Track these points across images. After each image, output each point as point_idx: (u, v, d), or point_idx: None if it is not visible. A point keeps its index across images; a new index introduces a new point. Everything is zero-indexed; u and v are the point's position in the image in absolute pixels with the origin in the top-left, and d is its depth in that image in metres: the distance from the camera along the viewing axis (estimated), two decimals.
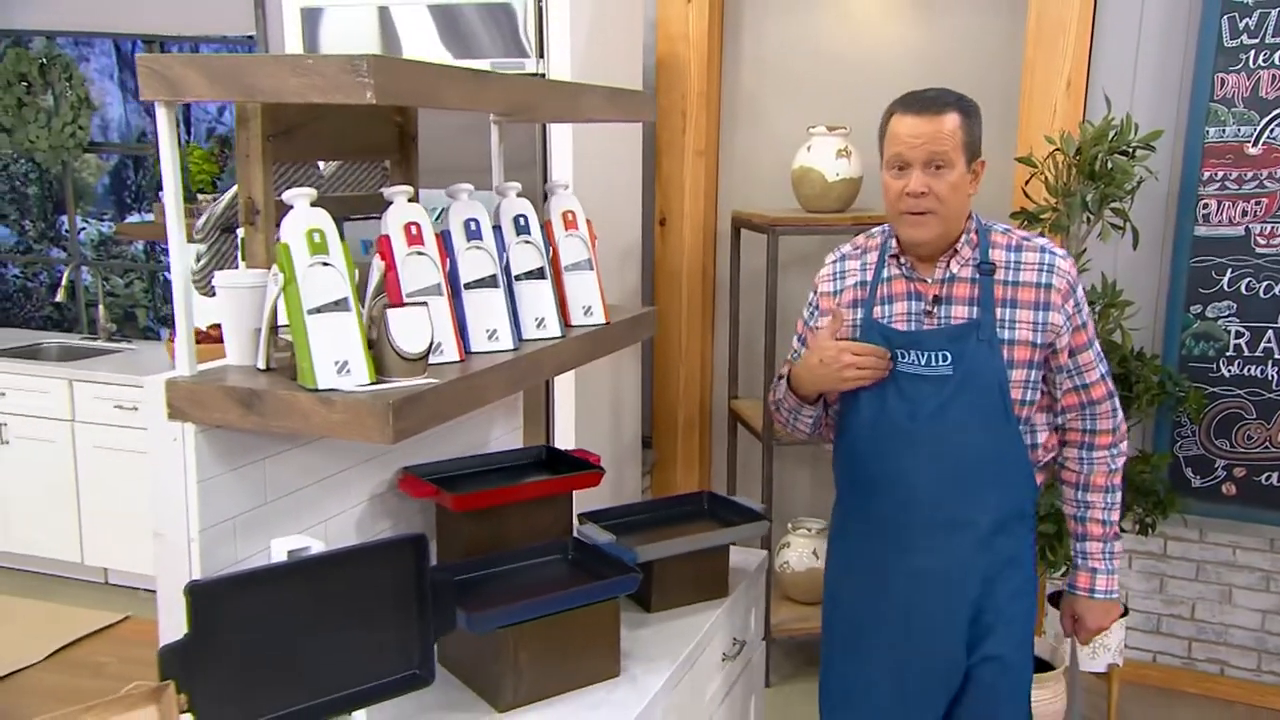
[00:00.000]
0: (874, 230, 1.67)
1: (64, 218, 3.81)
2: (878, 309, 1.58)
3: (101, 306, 3.73)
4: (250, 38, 3.36)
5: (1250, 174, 2.53)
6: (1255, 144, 2.52)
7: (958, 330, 1.53)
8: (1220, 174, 2.56)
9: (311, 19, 2.56)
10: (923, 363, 1.53)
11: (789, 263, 3.05)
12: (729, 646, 1.68)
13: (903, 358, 1.54)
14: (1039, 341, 1.52)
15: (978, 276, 1.53)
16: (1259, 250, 2.56)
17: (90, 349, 3.62)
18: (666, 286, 3.12)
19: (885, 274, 1.59)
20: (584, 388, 2.59)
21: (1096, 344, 1.59)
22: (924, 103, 1.50)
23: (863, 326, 1.58)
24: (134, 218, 3.69)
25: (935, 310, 1.54)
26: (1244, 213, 2.56)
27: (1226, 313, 2.60)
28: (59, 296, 3.65)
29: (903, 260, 1.57)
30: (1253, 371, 2.61)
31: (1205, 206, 2.58)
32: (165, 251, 3.71)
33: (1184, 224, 2.61)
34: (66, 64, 3.61)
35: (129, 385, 3.20)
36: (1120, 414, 1.62)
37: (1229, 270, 2.59)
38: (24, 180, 3.83)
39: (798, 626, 2.74)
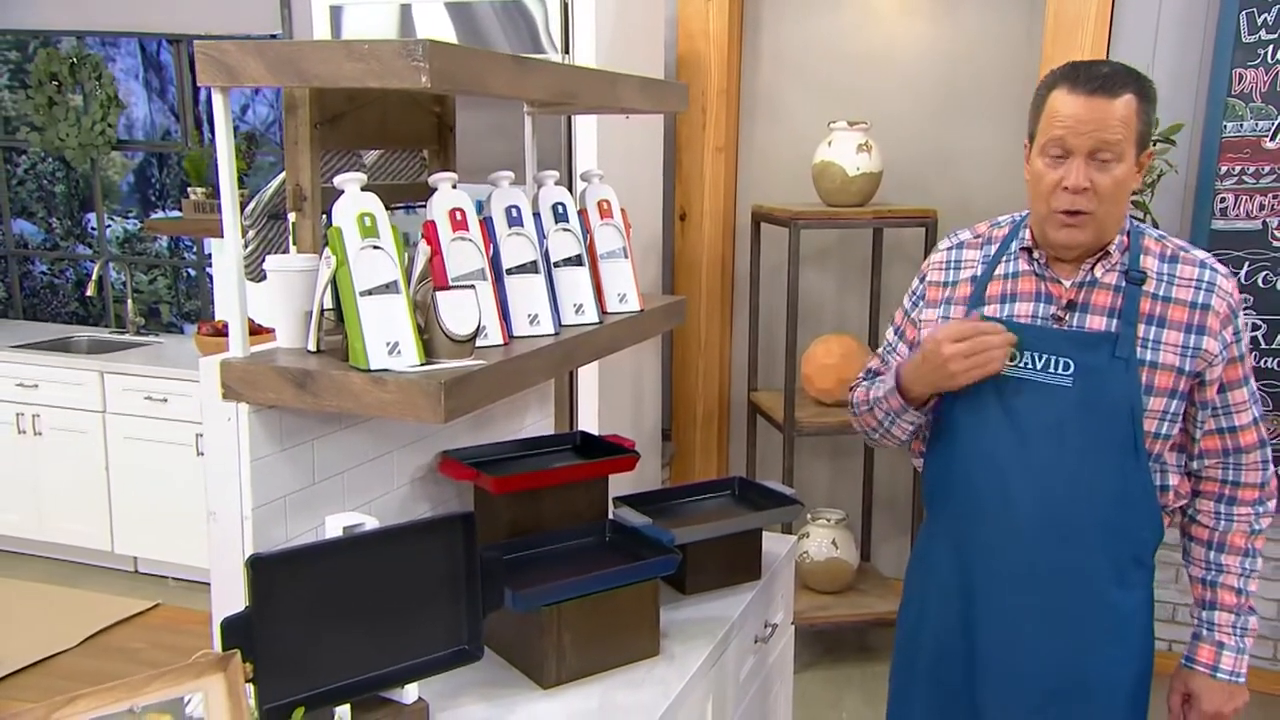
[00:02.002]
0: (1001, 219, 1.46)
1: (90, 215, 3.87)
2: (994, 308, 1.38)
3: (130, 301, 3.78)
4: (274, 36, 3.39)
5: (1268, 168, 2.56)
6: (1273, 138, 2.55)
7: (1089, 338, 1.31)
8: (1238, 168, 2.58)
9: (335, 16, 2.59)
10: (1039, 366, 1.32)
11: (808, 256, 3.09)
12: (761, 629, 1.71)
13: (1012, 359, 1.33)
14: (1186, 369, 1.30)
15: (1123, 285, 1.32)
16: (1276, 244, 2.58)
17: (119, 343, 3.67)
18: (686, 280, 3.15)
19: (1012, 269, 1.39)
20: (606, 380, 2.62)
21: (1253, 382, 1.37)
22: (1097, 80, 1.25)
23: None
24: (158, 215, 3.74)
25: (1067, 318, 1.34)
26: (1261, 207, 2.58)
27: (1244, 306, 2.62)
28: (89, 291, 3.71)
29: (1036, 255, 1.36)
30: (1270, 364, 2.63)
31: (1223, 200, 2.61)
32: (190, 248, 3.77)
33: (1201, 218, 2.63)
34: (96, 63, 3.66)
35: (159, 377, 3.25)
36: (1272, 468, 1.38)
37: (1246, 264, 2.61)
38: (51, 179, 3.88)
39: (817, 615, 2.77)
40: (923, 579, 1.52)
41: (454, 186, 1.37)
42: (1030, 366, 1.33)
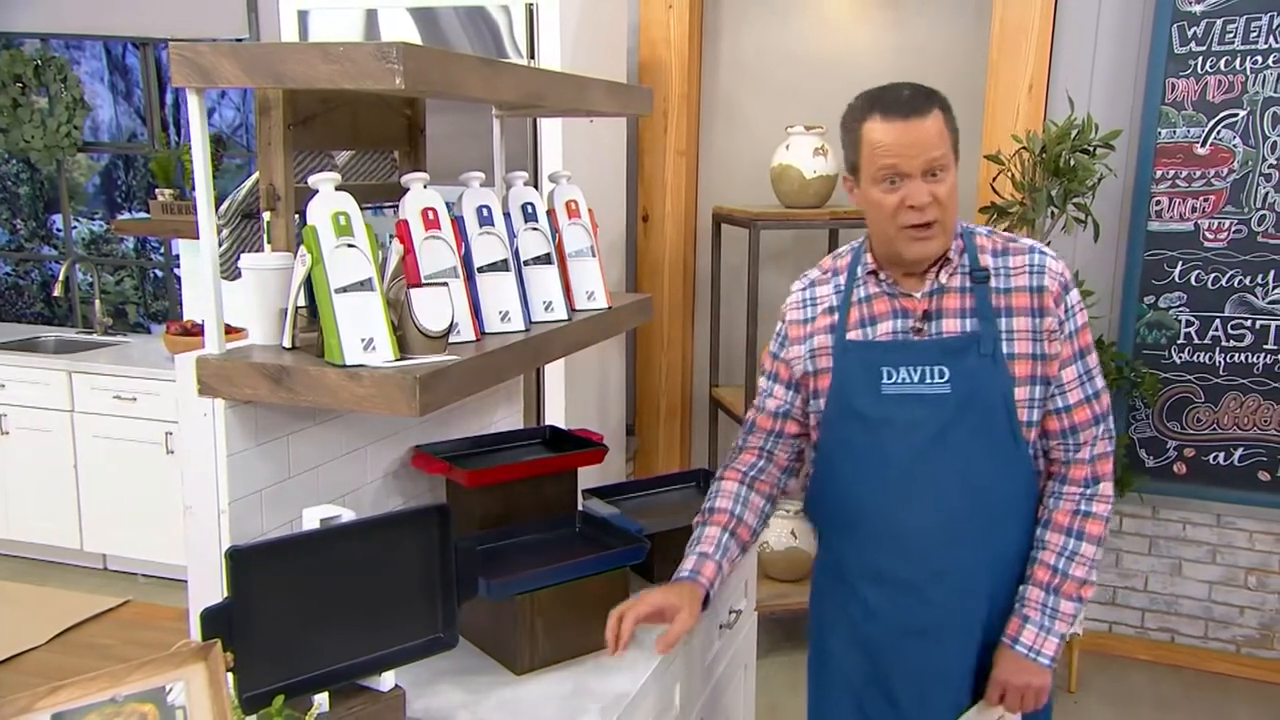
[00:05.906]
0: (841, 250, 1.49)
1: (55, 217, 3.82)
2: (857, 332, 1.39)
3: (97, 301, 3.75)
4: (241, 40, 3.38)
5: (1199, 173, 2.69)
6: (1203, 144, 2.68)
7: (954, 343, 1.33)
8: (1171, 173, 2.71)
9: (302, 21, 2.60)
10: (915, 379, 1.34)
11: (766, 258, 3.16)
12: (726, 616, 1.76)
13: (889, 377, 1.35)
14: (1038, 352, 1.33)
15: (969, 285, 1.35)
16: (1207, 244, 2.71)
17: (86, 342, 3.65)
18: (649, 280, 3.21)
19: (864, 293, 1.40)
20: (572, 377, 2.66)
21: (1089, 359, 1.37)
22: (908, 105, 1.29)
23: (836, 350, 1.40)
24: (124, 216, 3.70)
25: (925, 327, 1.35)
26: (1193, 209, 2.72)
27: (1177, 303, 2.76)
28: (56, 291, 3.68)
29: (882, 276, 1.38)
30: (1201, 358, 2.77)
31: (1157, 203, 2.74)
32: (156, 249, 3.73)
33: (1138, 219, 2.76)
34: (61, 65, 3.63)
35: (127, 376, 3.23)
36: (1104, 445, 1.37)
37: (1179, 263, 2.74)
38: (15, 180, 3.82)
39: (777, 603, 2.84)
40: (821, 606, 1.52)
41: (425, 187, 1.40)
42: (909, 381, 1.34)
